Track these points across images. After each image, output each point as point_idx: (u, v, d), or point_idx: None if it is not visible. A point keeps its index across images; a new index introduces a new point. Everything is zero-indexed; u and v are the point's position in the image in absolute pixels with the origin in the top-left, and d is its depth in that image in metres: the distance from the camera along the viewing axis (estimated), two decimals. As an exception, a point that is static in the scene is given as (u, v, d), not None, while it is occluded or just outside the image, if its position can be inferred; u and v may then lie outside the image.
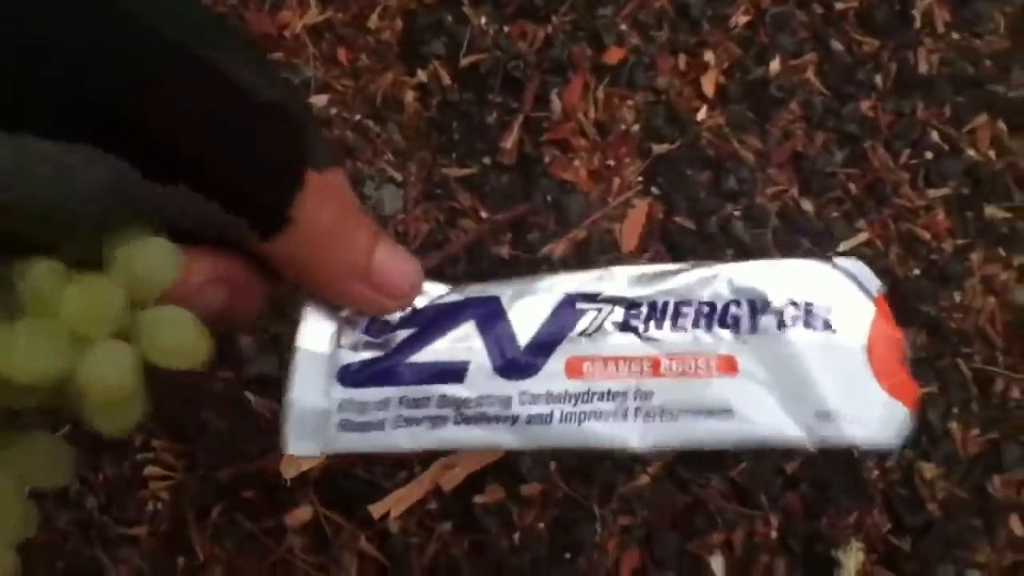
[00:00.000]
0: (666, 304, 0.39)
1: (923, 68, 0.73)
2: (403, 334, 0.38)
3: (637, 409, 0.38)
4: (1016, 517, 0.63)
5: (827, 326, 0.37)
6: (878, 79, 0.72)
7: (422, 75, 0.68)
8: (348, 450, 0.36)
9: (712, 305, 0.39)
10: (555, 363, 0.39)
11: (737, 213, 0.67)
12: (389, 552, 0.57)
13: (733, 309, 0.38)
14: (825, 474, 0.61)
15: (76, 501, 0.58)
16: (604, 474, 0.59)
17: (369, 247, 0.28)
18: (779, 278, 0.39)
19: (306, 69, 0.67)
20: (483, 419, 0.38)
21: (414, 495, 0.57)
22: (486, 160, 0.67)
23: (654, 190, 0.67)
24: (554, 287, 0.40)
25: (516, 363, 0.38)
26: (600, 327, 0.39)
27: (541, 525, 0.58)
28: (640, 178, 0.67)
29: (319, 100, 0.66)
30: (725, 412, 0.38)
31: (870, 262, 0.65)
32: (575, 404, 0.39)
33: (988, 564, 0.61)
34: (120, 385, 0.22)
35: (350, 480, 0.58)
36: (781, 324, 0.38)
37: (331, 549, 0.56)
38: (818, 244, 0.66)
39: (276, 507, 0.57)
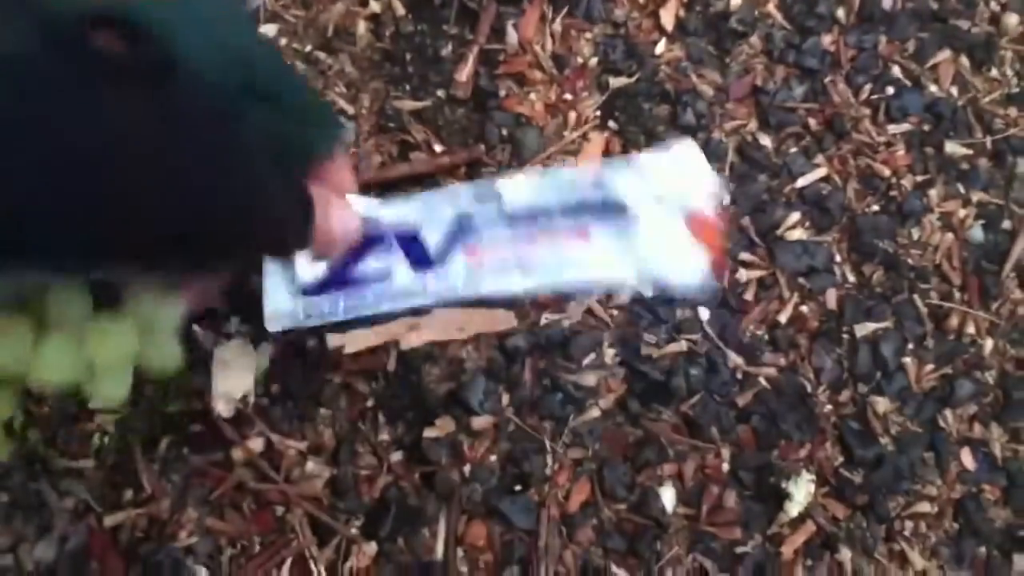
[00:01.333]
0: (532, 206, 0.50)
1: (886, 3, 0.72)
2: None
3: (518, 270, 0.51)
4: (967, 450, 0.63)
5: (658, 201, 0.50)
6: (840, 13, 0.71)
7: (375, 5, 0.66)
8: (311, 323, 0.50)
9: (566, 204, 0.50)
10: (456, 255, 0.51)
11: (695, 148, 0.66)
12: (339, 483, 0.56)
13: (589, 198, 0.50)
14: (777, 408, 0.61)
15: (20, 434, 0.57)
16: (555, 408, 0.59)
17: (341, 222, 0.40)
18: (626, 173, 0.51)
19: (255, -2, 0.65)
20: (404, 297, 0.51)
21: (372, 340, 0.57)
22: (440, 93, 0.65)
23: (611, 124, 0.66)
24: (452, 205, 0.52)
25: (428, 261, 0.50)
26: (484, 228, 0.51)
27: (492, 458, 0.58)
28: (597, 112, 0.66)
29: (269, 30, 0.65)
30: (580, 266, 0.50)
31: (827, 197, 0.65)
32: (473, 276, 0.51)
33: (938, 497, 0.62)
34: (119, 396, 0.34)
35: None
36: (622, 208, 0.49)
37: (278, 480, 0.56)
38: (775, 179, 0.66)
39: (223, 440, 0.57)
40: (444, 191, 0.54)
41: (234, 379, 0.57)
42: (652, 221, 0.52)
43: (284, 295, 0.53)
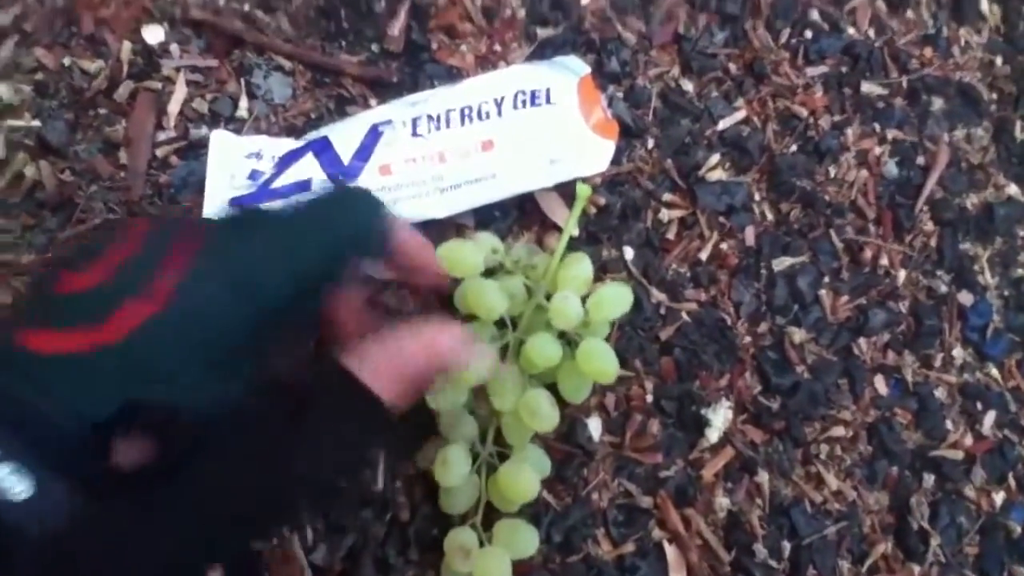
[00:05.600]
0: (438, 114, 0.56)
1: (805, -52, 0.74)
2: (268, 174, 0.57)
3: (435, 189, 0.56)
4: (880, 377, 0.66)
5: (548, 100, 0.56)
6: (760, -40, 0.73)
7: (307, -37, 0.68)
8: None
9: (469, 107, 0.56)
10: (371, 168, 0.55)
11: (619, 94, 0.68)
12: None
13: (484, 107, 0.56)
14: (698, 340, 0.64)
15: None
16: (486, 345, 0.62)
17: None
18: (510, 79, 0.58)
19: (189, -42, 0.67)
20: None
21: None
22: (374, 48, 0.67)
23: (539, 74, 0.68)
24: (363, 121, 0.58)
25: (343, 173, 0.55)
26: (397, 138, 0.56)
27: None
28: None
29: (203, -10, 0.66)
30: (491, 177, 0.56)
31: (747, 139, 0.67)
32: (390, 193, 0.55)
33: (852, 421, 0.65)
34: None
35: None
36: (516, 107, 0.56)
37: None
38: (697, 122, 0.68)
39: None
40: (360, 113, 0.60)
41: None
42: (554, 116, 0.57)
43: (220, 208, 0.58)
